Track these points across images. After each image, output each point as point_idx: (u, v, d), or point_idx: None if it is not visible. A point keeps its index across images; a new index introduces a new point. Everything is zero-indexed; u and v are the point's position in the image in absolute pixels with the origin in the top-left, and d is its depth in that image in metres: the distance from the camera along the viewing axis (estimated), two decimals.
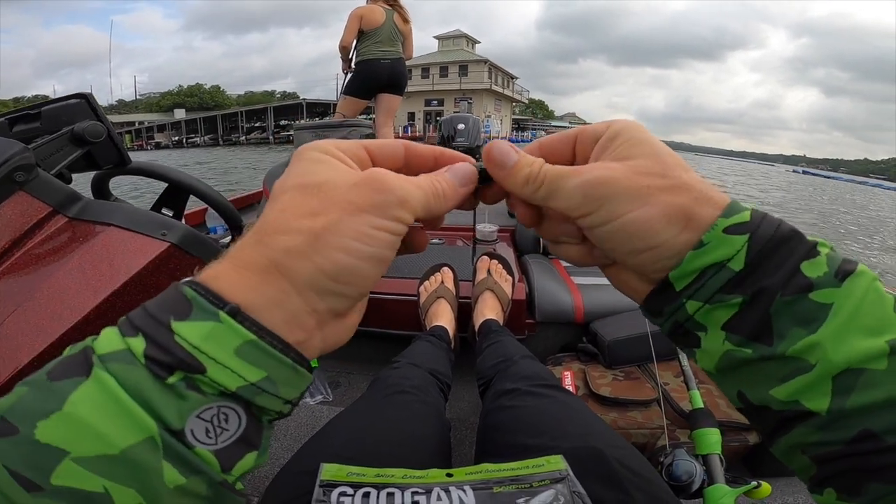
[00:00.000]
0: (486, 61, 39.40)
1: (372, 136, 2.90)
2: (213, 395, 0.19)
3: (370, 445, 0.55)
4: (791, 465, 0.24)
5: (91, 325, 0.63)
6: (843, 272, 0.21)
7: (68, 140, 0.78)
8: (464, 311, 1.33)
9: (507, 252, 1.72)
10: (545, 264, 1.66)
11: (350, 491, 0.37)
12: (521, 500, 0.36)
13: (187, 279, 0.21)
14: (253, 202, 2.64)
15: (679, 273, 0.23)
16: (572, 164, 0.28)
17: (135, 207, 0.79)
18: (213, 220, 1.79)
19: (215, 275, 0.21)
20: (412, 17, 3.45)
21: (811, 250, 0.22)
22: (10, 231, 0.67)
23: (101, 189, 0.96)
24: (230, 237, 1.09)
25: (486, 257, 1.42)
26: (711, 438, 0.74)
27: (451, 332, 1.18)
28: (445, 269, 1.40)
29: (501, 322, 1.22)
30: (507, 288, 1.33)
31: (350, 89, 3.37)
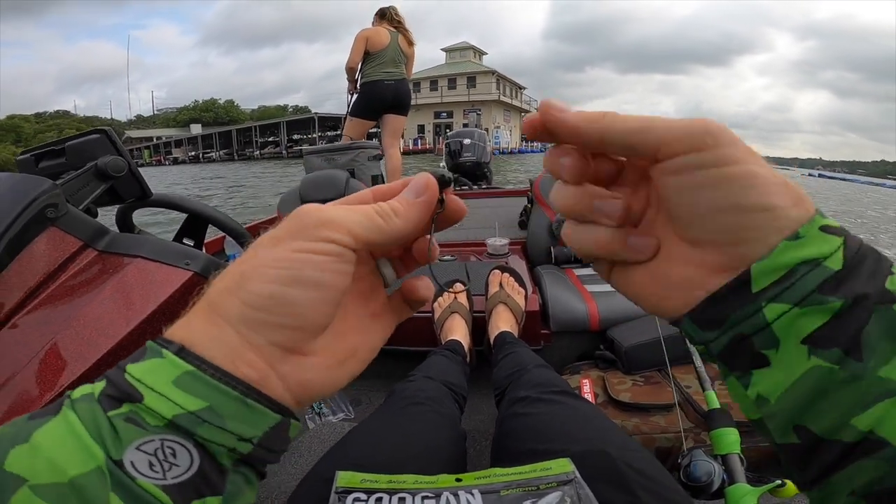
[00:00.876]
0: (493, 72, 39.60)
1: (380, 156, 2.94)
2: (156, 427, 0.19)
3: (386, 455, 0.57)
4: None
5: (125, 350, 0.66)
6: None
7: (93, 175, 0.82)
8: (479, 325, 1.34)
9: (519, 264, 1.72)
10: (558, 274, 1.66)
11: (363, 497, 0.38)
12: (528, 502, 0.37)
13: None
14: (269, 227, 2.69)
15: (766, 267, 0.20)
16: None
17: (160, 239, 0.83)
18: (232, 247, 1.84)
19: (177, 325, 0.22)
20: (418, 32, 3.53)
21: (893, 265, 0.20)
22: (45, 265, 0.71)
23: (125, 222, 1.00)
24: None
25: (497, 271, 1.44)
26: (729, 438, 0.74)
27: (465, 345, 1.20)
28: (458, 284, 1.42)
29: (516, 334, 1.23)
30: (520, 300, 1.35)
31: (356, 111, 3.43)
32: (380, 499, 0.38)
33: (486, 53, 45.05)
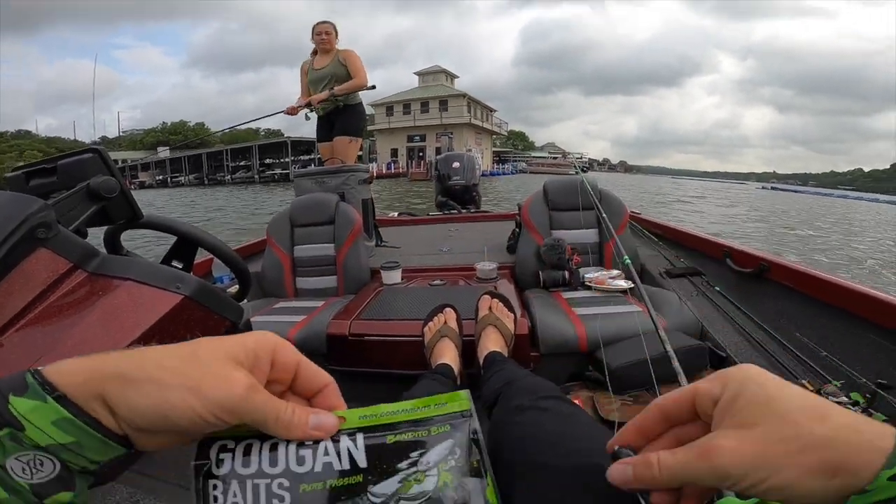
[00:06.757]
0: (464, 95, 40.07)
1: (370, 180, 2.90)
2: (31, 446, 0.26)
3: None
4: None
5: None
6: None
7: (84, 196, 0.80)
8: (468, 349, 1.34)
9: (508, 288, 1.74)
10: (546, 298, 1.68)
11: (231, 444, 0.32)
12: (414, 455, 0.33)
13: (31, 368, 0.27)
14: (257, 251, 2.63)
15: None
16: (693, 420, 0.31)
17: (150, 262, 0.81)
18: (219, 269, 1.80)
19: (57, 369, 0.28)
20: (397, 57, 3.59)
21: None
22: (33, 286, 0.68)
23: (113, 243, 0.97)
24: (236, 286, 1.11)
25: (486, 297, 1.45)
26: None
27: (455, 369, 1.20)
28: (448, 309, 1.43)
29: (506, 355, 1.23)
30: (509, 323, 1.36)
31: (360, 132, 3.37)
32: (250, 445, 0.32)
33: (458, 77, 45.54)
